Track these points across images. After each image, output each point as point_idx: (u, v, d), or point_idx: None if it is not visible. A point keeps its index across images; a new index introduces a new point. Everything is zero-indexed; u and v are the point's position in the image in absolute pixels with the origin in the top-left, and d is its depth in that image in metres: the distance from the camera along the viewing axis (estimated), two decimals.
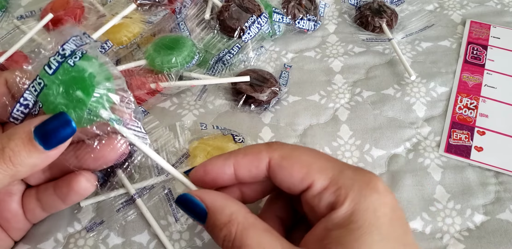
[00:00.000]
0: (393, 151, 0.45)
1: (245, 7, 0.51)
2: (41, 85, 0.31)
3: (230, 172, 0.32)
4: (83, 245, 0.40)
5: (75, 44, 0.32)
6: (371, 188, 0.29)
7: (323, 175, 0.30)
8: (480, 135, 0.46)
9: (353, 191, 0.29)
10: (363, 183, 0.29)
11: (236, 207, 0.31)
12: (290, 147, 0.33)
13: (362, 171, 0.31)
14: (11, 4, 0.64)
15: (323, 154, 0.33)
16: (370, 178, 0.30)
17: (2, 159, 0.28)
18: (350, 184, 0.29)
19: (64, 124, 0.29)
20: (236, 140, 0.44)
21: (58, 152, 0.31)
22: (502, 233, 0.39)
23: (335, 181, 0.30)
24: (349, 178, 0.30)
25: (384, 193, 0.29)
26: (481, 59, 0.53)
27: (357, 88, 0.51)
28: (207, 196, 0.31)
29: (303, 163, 0.31)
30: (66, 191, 0.35)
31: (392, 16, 0.56)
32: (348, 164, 0.31)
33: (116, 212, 0.41)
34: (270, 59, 0.55)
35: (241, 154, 0.33)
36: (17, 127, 0.30)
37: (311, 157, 0.32)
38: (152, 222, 0.40)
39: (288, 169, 0.31)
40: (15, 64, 0.50)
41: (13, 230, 0.37)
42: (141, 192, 0.41)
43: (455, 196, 0.42)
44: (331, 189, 0.30)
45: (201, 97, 0.50)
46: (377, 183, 0.29)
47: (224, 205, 0.31)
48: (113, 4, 0.56)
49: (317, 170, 0.30)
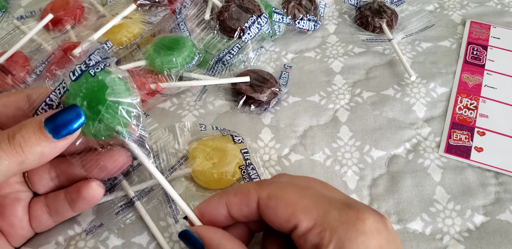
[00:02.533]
0: (393, 152, 0.45)
1: (245, 8, 0.51)
2: (64, 89, 0.33)
3: (224, 212, 0.33)
4: (83, 247, 0.40)
5: (100, 56, 0.34)
6: (357, 229, 0.28)
7: (307, 216, 0.30)
8: (480, 135, 0.46)
9: (338, 233, 0.28)
10: (349, 225, 0.28)
11: (231, 246, 0.31)
12: (278, 185, 0.33)
13: (350, 210, 0.29)
14: (11, 4, 0.64)
15: (313, 190, 0.32)
16: (357, 218, 0.28)
17: (12, 144, 0.29)
18: (335, 226, 0.28)
19: (75, 116, 0.31)
20: (236, 141, 0.44)
21: (66, 143, 0.32)
22: (502, 234, 0.39)
23: (320, 222, 0.29)
24: (335, 219, 0.29)
25: (371, 234, 0.28)
26: (481, 59, 0.53)
27: (357, 89, 0.51)
28: (206, 233, 0.32)
29: (288, 203, 0.31)
30: (75, 197, 0.36)
31: (392, 17, 0.56)
32: (336, 202, 0.30)
33: (115, 215, 0.41)
34: (270, 60, 0.55)
35: (232, 194, 0.34)
36: (29, 118, 0.31)
37: (298, 195, 0.31)
38: (151, 224, 0.40)
39: (274, 209, 0.31)
40: (15, 65, 0.50)
41: (15, 237, 0.37)
42: (140, 194, 0.41)
43: (455, 196, 0.42)
44: (315, 230, 0.29)
45: (201, 98, 0.50)
46: (365, 222, 0.28)
47: (219, 244, 0.32)
48: (113, 5, 0.56)
49: (302, 210, 0.30)
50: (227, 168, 0.42)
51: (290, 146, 0.46)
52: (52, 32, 0.55)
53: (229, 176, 0.42)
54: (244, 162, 0.43)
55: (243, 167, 0.42)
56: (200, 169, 0.42)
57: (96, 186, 0.36)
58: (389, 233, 0.29)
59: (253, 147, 0.46)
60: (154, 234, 0.39)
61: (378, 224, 0.29)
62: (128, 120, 0.33)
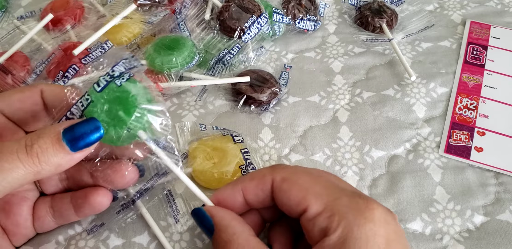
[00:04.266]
0: (393, 152, 0.46)
1: (245, 7, 0.51)
2: (88, 101, 0.33)
3: (240, 198, 0.34)
4: (83, 246, 0.40)
5: (124, 67, 0.35)
6: (365, 217, 0.28)
7: (318, 200, 0.30)
8: (480, 135, 0.46)
9: (347, 219, 0.28)
10: (358, 212, 0.29)
11: (240, 228, 0.32)
12: (292, 170, 0.34)
13: (360, 198, 0.30)
14: (11, 4, 0.64)
15: (325, 178, 0.33)
16: (367, 207, 0.29)
17: (30, 154, 0.29)
18: (344, 212, 0.29)
19: (94, 129, 0.31)
20: (236, 140, 0.44)
21: (83, 155, 0.31)
22: (502, 234, 0.39)
23: (330, 207, 0.30)
24: (344, 205, 0.29)
25: (380, 223, 0.28)
26: (481, 59, 0.53)
27: (357, 89, 0.51)
28: (217, 213, 0.33)
29: (301, 187, 0.32)
30: (81, 203, 0.36)
31: (392, 17, 0.56)
32: (347, 191, 0.31)
33: (116, 214, 0.41)
34: (270, 60, 0.55)
35: (248, 179, 0.34)
36: (47, 126, 0.31)
37: (310, 181, 0.32)
38: (152, 224, 0.40)
39: (286, 192, 0.32)
40: (15, 65, 0.50)
41: (18, 236, 0.37)
42: (140, 193, 0.41)
43: (455, 197, 0.42)
44: (324, 214, 0.30)
45: (201, 97, 0.50)
46: (374, 212, 0.29)
47: (229, 225, 0.32)
48: (113, 5, 0.56)
49: (313, 194, 0.31)
50: (227, 167, 0.42)
51: (290, 146, 0.46)
52: (52, 32, 0.55)
53: (229, 175, 0.42)
54: (244, 161, 0.43)
55: (243, 167, 0.42)
56: (200, 168, 0.42)
57: (104, 194, 0.36)
58: (397, 226, 0.30)
59: (253, 147, 0.46)
60: (155, 233, 0.40)
61: (386, 215, 0.29)
62: (150, 123, 0.33)
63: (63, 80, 0.48)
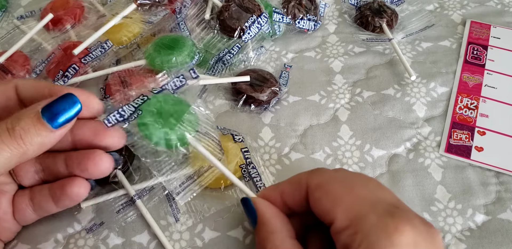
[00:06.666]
0: (394, 151, 0.45)
1: (245, 7, 0.51)
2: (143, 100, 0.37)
3: (279, 200, 0.34)
4: (83, 245, 0.39)
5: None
6: (391, 240, 0.26)
7: (344, 214, 0.29)
8: (480, 135, 0.46)
9: (369, 240, 0.27)
10: (384, 233, 0.26)
11: (279, 227, 0.32)
12: (328, 177, 0.32)
13: (391, 218, 0.27)
14: (11, 4, 0.64)
15: (360, 188, 0.31)
16: (396, 229, 0.26)
17: (13, 136, 0.29)
18: (369, 232, 0.27)
19: (72, 104, 0.31)
20: (236, 140, 0.44)
21: (64, 131, 0.32)
22: (504, 233, 0.39)
23: (355, 224, 0.28)
24: (371, 224, 0.27)
25: (406, 247, 0.26)
26: (481, 59, 0.53)
27: (357, 88, 0.51)
28: (261, 207, 0.34)
29: (331, 197, 0.30)
30: (59, 194, 0.35)
31: (392, 16, 0.56)
32: (380, 207, 0.29)
33: (116, 213, 0.41)
34: (270, 59, 0.55)
35: (286, 182, 0.34)
36: (25, 108, 0.31)
37: (342, 191, 0.30)
38: (152, 223, 0.40)
39: (318, 200, 0.31)
40: (15, 64, 0.50)
41: (1, 230, 0.37)
42: (141, 193, 0.41)
43: (456, 196, 0.42)
44: (348, 231, 0.28)
45: (201, 97, 0.50)
46: (402, 234, 0.26)
47: (269, 221, 0.32)
48: (113, 4, 0.56)
49: (341, 207, 0.29)
50: (227, 166, 0.42)
51: (291, 144, 0.46)
52: (52, 32, 0.55)
53: None
54: (245, 160, 0.42)
55: (244, 166, 0.42)
56: None
57: (80, 184, 0.35)
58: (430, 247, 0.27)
59: (253, 146, 0.46)
60: (156, 233, 0.39)
61: (417, 237, 0.27)
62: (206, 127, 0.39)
63: (63, 80, 0.48)
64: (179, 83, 0.42)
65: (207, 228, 0.40)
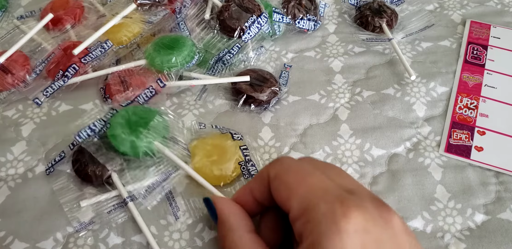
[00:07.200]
0: (393, 151, 0.45)
1: (245, 7, 0.51)
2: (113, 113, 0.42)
3: (251, 198, 0.35)
4: (82, 244, 0.39)
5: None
6: (338, 227, 0.26)
7: (298, 203, 0.29)
8: (480, 134, 0.46)
9: (318, 228, 0.27)
10: (332, 220, 0.26)
11: (236, 224, 0.33)
12: (285, 167, 0.33)
13: (339, 205, 0.27)
14: (11, 4, 0.64)
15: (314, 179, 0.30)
16: (343, 216, 0.26)
17: None
18: (318, 221, 0.27)
19: None
20: (235, 138, 0.44)
21: None
22: (503, 233, 0.39)
23: (307, 213, 0.28)
24: (320, 213, 0.27)
25: (354, 234, 0.26)
26: (481, 59, 0.53)
27: (357, 88, 0.51)
28: (219, 205, 0.35)
29: (287, 187, 0.31)
30: None
31: (392, 16, 0.56)
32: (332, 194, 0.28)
33: (107, 214, 0.41)
34: (270, 59, 0.55)
35: (253, 178, 0.35)
36: None
37: (297, 181, 0.31)
38: (143, 227, 0.39)
39: (276, 190, 0.32)
40: (15, 64, 0.50)
41: None
42: (133, 195, 0.41)
43: (455, 195, 0.42)
44: (301, 220, 0.28)
45: (201, 97, 0.50)
46: (349, 221, 0.26)
47: (227, 219, 0.33)
48: (113, 4, 0.56)
49: (295, 196, 0.30)
50: (226, 164, 0.42)
51: (290, 144, 0.46)
52: (52, 32, 0.55)
53: (229, 172, 0.42)
54: (244, 158, 0.43)
55: (243, 163, 0.42)
56: (200, 165, 0.42)
57: None
58: (384, 232, 0.27)
59: (253, 146, 0.46)
60: (146, 236, 0.39)
61: (368, 222, 0.27)
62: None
63: (63, 80, 0.48)
64: (149, 94, 0.45)
65: (207, 227, 0.40)
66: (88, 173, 0.41)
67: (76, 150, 0.43)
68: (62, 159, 0.44)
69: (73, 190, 0.43)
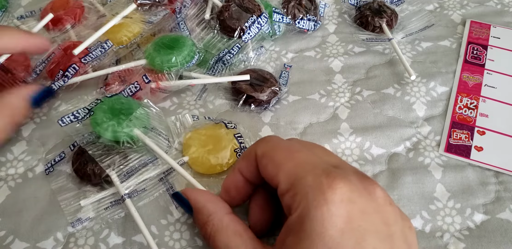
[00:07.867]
0: (393, 150, 0.45)
1: (245, 7, 0.51)
2: (97, 102, 0.43)
3: (241, 178, 0.35)
4: (83, 244, 0.40)
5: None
6: (325, 197, 0.27)
7: (286, 177, 0.30)
8: (480, 134, 0.46)
9: (306, 199, 0.28)
10: (319, 191, 0.28)
11: (214, 209, 0.34)
12: (272, 145, 0.34)
13: (325, 177, 0.29)
14: (11, 4, 0.64)
15: (304, 153, 0.32)
16: (329, 186, 0.28)
17: None
18: (305, 192, 0.28)
19: None
20: (228, 127, 0.45)
21: None
22: (503, 233, 0.39)
23: (295, 186, 0.29)
24: (308, 185, 0.29)
25: (340, 203, 0.27)
26: (481, 59, 0.53)
27: (357, 87, 0.51)
28: (192, 196, 0.36)
29: (275, 163, 0.32)
30: None
31: (392, 16, 0.56)
32: (318, 168, 0.30)
33: (104, 210, 0.41)
34: (270, 59, 0.55)
35: (241, 158, 0.36)
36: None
37: (285, 157, 0.32)
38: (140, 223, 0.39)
39: (264, 167, 0.33)
40: (15, 64, 0.50)
41: None
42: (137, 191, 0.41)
43: (455, 195, 0.42)
44: (290, 193, 0.30)
45: (201, 97, 0.50)
46: (335, 192, 0.28)
47: (203, 206, 0.34)
48: (113, 4, 0.56)
49: (283, 172, 0.31)
50: (222, 152, 0.43)
51: None
52: (52, 32, 0.55)
53: (225, 160, 0.42)
54: (239, 145, 0.43)
55: (238, 150, 0.43)
56: (196, 155, 0.43)
57: None
58: (368, 202, 0.28)
59: None
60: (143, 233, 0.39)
61: (353, 193, 0.28)
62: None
63: (63, 80, 0.48)
64: (134, 89, 0.46)
65: None
66: (87, 172, 0.42)
67: (76, 150, 0.44)
68: (62, 159, 0.44)
69: (71, 188, 0.43)
